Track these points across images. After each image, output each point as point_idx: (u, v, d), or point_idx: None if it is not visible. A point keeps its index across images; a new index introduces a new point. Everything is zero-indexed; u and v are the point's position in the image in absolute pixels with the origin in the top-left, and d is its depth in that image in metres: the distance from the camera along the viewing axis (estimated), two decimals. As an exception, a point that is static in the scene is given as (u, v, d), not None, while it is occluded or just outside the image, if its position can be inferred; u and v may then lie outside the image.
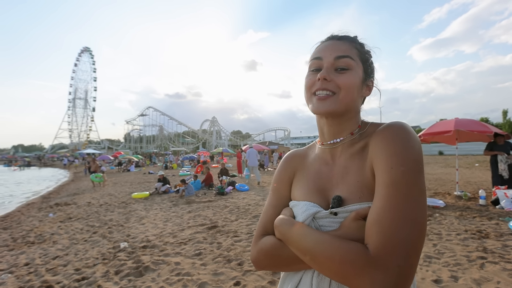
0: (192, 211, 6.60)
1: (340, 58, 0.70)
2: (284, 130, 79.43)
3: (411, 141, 0.61)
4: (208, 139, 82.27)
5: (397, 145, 0.61)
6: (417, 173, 0.58)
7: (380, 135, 0.65)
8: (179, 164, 25.73)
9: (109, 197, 9.30)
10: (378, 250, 0.53)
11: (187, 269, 3.26)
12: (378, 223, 0.55)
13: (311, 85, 0.72)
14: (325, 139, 0.77)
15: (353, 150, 0.72)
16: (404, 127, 0.63)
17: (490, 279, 2.71)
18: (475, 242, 3.71)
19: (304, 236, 0.63)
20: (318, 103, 0.70)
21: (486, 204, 5.81)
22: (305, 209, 0.70)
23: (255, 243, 0.76)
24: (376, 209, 0.57)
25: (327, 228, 0.66)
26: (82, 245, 4.39)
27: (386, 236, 0.53)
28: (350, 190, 0.67)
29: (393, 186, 0.57)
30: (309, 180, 0.78)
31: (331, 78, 0.69)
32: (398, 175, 0.57)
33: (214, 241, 4.23)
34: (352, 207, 0.64)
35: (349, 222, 0.62)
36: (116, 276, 3.18)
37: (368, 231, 0.57)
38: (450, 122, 6.83)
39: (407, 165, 0.58)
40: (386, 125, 0.67)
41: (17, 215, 7.54)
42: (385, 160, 0.60)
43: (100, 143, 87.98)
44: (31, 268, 3.56)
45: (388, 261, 0.51)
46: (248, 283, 2.88)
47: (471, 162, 17.93)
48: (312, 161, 0.81)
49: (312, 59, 0.75)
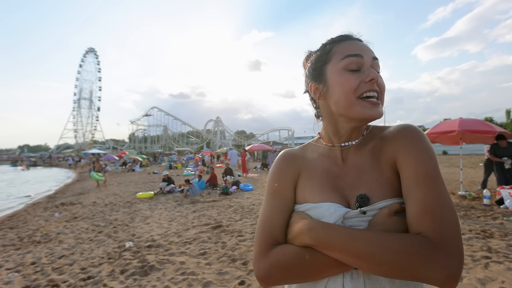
0: (197, 210, 6.64)
1: (375, 59, 0.68)
2: (288, 130, 79.25)
3: (427, 140, 0.66)
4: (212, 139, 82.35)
5: (422, 143, 0.65)
6: (438, 167, 0.63)
7: (402, 134, 0.67)
8: (184, 164, 25.83)
9: (114, 197, 9.38)
10: (440, 236, 0.56)
11: (192, 269, 3.29)
12: (430, 212, 0.58)
13: (356, 87, 0.65)
14: (339, 141, 0.74)
15: (363, 150, 0.73)
16: (418, 128, 0.68)
17: (494, 279, 2.70)
18: (479, 241, 3.69)
19: (351, 237, 0.59)
20: (374, 108, 0.66)
21: (490, 203, 5.77)
22: (334, 210, 0.66)
23: (264, 256, 0.67)
24: (421, 200, 0.59)
25: (357, 227, 0.64)
26: (88, 245, 4.44)
27: (443, 222, 0.57)
28: (371, 188, 0.67)
29: (430, 178, 0.61)
30: (321, 180, 0.73)
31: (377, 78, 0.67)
32: (431, 167, 0.62)
33: (218, 241, 4.25)
34: (380, 204, 0.64)
35: (383, 219, 0.62)
36: (121, 275, 3.22)
37: (420, 221, 0.58)
38: (454, 122, 6.79)
39: (434, 160, 0.63)
40: (400, 127, 0.69)
41: (23, 214, 7.64)
42: (416, 156, 0.63)
43: (105, 143, 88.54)
44: (38, 267, 3.62)
45: (450, 244, 0.55)
46: (252, 282, 2.90)
47: (475, 162, 17.75)
48: (318, 160, 0.78)
49: (350, 56, 0.67)
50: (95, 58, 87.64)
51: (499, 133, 6.42)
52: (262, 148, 25.98)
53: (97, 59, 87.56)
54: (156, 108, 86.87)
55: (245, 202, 7.41)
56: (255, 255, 0.69)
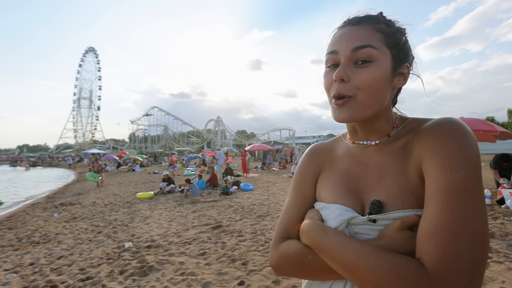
0: (197, 210, 6.62)
1: (358, 49, 0.58)
2: (289, 129, 79.27)
3: (470, 141, 0.53)
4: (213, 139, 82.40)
5: (455, 145, 0.52)
6: (478, 178, 0.51)
7: (433, 132, 0.56)
8: (184, 164, 25.82)
9: (113, 197, 9.36)
10: (437, 267, 0.46)
11: (191, 269, 3.27)
12: (436, 235, 0.48)
13: (329, 87, 0.62)
14: (358, 138, 0.68)
15: (391, 149, 0.64)
16: (460, 124, 0.55)
17: (495, 279, 2.68)
18: (481, 242, 3.67)
19: (342, 245, 0.55)
20: (336, 110, 0.61)
21: (491, 203, 5.75)
22: (339, 214, 0.62)
23: (275, 247, 0.68)
24: (432, 219, 0.49)
25: (364, 236, 0.59)
26: (87, 245, 4.42)
27: (447, 251, 0.46)
28: (391, 194, 0.59)
29: (453, 193, 0.49)
30: (338, 180, 0.69)
31: (350, 76, 0.58)
32: (458, 180, 0.49)
33: (218, 241, 4.24)
34: (394, 214, 0.56)
35: (392, 232, 0.55)
36: (120, 276, 3.20)
37: (423, 244, 0.49)
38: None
39: (468, 168, 0.50)
40: (436, 121, 0.58)
41: (22, 215, 7.62)
42: (442, 162, 0.52)
43: (105, 143, 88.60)
44: (36, 268, 3.60)
45: (450, 281, 0.45)
46: (252, 282, 2.88)
47: (477, 161, 17.77)
48: (341, 158, 0.72)
49: (327, 54, 0.63)
50: (95, 57, 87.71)
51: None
52: (262, 148, 25.96)
53: (97, 58, 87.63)
54: (156, 107, 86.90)
55: (245, 202, 7.39)
56: (271, 245, 0.71)
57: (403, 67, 0.63)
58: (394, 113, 0.69)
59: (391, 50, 0.61)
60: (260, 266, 3.24)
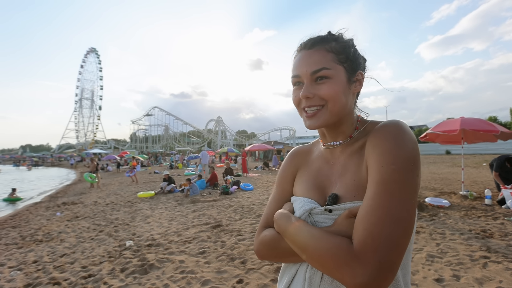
0: (197, 210, 6.66)
1: (316, 72, 0.68)
2: (290, 129, 79.28)
3: (405, 139, 0.61)
4: (214, 139, 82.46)
5: (389, 143, 0.61)
6: (408, 172, 0.58)
7: (375, 133, 0.66)
8: (185, 164, 25.88)
9: (115, 196, 9.42)
10: (360, 245, 0.55)
11: (191, 267, 3.31)
12: (364, 220, 0.57)
13: (298, 102, 0.73)
14: (326, 140, 0.79)
15: (352, 149, 0.74)
16: (399, 125, 0.64)
17: (492, 278, 2.71)
18: (479, 241, 3.69)
19: (299, 230, 0.65)
20: (308, 121, 0.71)
21: (492, 203, 5.76)
22: (302, 205, 0.73)
23: (258, 235, 0.80)
24: (364, 207, 0.59)
25: (322, 224, 0.68)
26: (89, 243, 4.47)
27: (370, 232, 0.55)
28: (347, 189, 0.69)
29: (382, 184, 0.58)
30: (309, 177, 0.80)
31: (314, 93, 0.69)
32: (388, 173, 0.58)
33: (218, 240, 4.27)
34: (346, 205, 0.66)
35: (341, 220, 0.64)
36: (121, 274, 3.24)
37: (355, 227, 0.58)
38: (456, 121, 6.77)
39: (398, 163, 0.58)
40: (382, 123, 0.68)
41: (25, 214, 7.69)
42: (377, 158, 0.61)
43: (107, 143, 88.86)
44: (39, 266, 3.65)
45: (369, 256, 0.53)
46: (250, 281, 2.92)
47: (478, 162, 17.71)
48: (315, 159, 0.84)
49: (292, 77, 0.75)
50: (96, 57, 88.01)
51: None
52: (262, 148, 25.98)
53: (98, 58, 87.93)
54: (157, 107, 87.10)
55: (245, 202, 7.43)
56: (255, 234, 0.82)
57: (356, 74, 0.73)
58: (358, 116, 0.79)
59: (343, 65, 0.70)
60: (259, 264, 3.27)
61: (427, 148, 31.99)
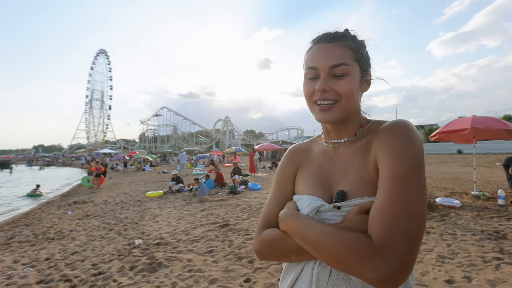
0: (205, 209, 6.70)
1: (335, 67, 0.69)
2: (298, 129, 79.08)
3: (413, 138, 0.63)
4: (222, 139, 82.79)
5: (401, 142, 0.63)
6: (418, 169, 0.60)
7: (385, 132, 0.67)
8: (193, 164, 26.06)
9: (124, 196, 9.55)
10: (381, 239, 0.56)
11: (199, 266, 3.33)
12: (381, 214, 0.58)
13: (310, 94, 0.73)
14: (330, 138, 0.80)
15: (355, 147, 0.74)
16: (407, 125, 0.66)
17: (505, 280, 2.65)
18: (491, 242, 3.61)
19: (309, 227, 0.65)
20: (321, 114, 0.71)
21: (505, 204, 5.62)
22: (310, 203, 0.72)
23: (258, 235, 0.79)
24: (380, 202, 0.60)
25: (331, 221, 0.68)
26: (99, 242, 4.55)
27: (389, 226, 0.56)
28: (353, 185, 0.69)
29: (397, 180, 0.60)
30: (312, 175, 0.79)
31: (330, 87, 0.69)
32: (402, 169, 0.60)
33: (225, 239, 4.29)
34: (355, 201, 0.66)
35: (352, 216, 0.65)
36: (130, 272, 3.29)
37: (372, 222, 0.59)
38: (467, 119, 6.63)
39: (409, 161, 0.61)
40: (390, 123, 0.69)
41: (38, 212, 7.87)
42: (390, 156, 0.63)
43: (116, 143, 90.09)
44: (51, 263, 3.73)
45: (390, 249, 0.54)
46: (258, 280, 2.92)
47: (491, 161, 17.30)
48: (316, 156, 0.83)
49: (307, 68, 0.73)
50: (106, 59, 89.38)
51: None
52: (270, 147, 25.95)
53: (107, 59, 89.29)
54: (165, 108, 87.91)
55: (253, 201, 7.44)
56: (255, 233, 0.81)
57: (366, 75, 0.76)
58: (362, 115, 0.80)
59: (359, 63, 0.72)
60: (266, 264, 3.27)
61: (438, 147, 31.32)
